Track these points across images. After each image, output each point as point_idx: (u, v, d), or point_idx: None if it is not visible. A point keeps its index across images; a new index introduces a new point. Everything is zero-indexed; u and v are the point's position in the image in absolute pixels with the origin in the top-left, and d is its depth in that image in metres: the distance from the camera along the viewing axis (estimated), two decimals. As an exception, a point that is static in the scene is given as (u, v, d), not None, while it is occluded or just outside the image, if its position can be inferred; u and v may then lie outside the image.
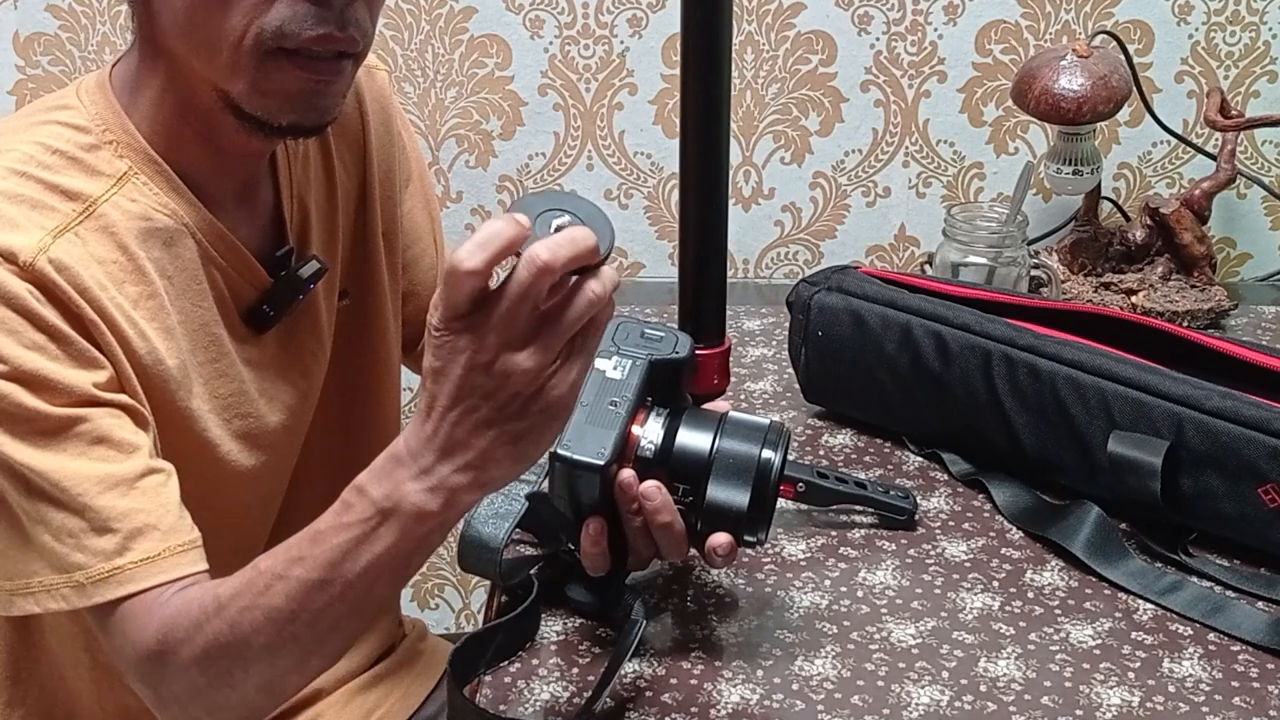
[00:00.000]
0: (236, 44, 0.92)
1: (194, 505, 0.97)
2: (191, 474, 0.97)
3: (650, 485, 0.93)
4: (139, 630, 0.89)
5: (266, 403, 1.05)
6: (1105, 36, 1.55)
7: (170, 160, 0.98)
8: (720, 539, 0.94)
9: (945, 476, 1.20)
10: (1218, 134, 1.58)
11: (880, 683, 0.96)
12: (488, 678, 0.96)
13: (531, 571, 1.02)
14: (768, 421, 0.96)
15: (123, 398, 0.92)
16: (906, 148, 1.67)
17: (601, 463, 0.91)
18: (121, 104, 0.98)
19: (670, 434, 0.95)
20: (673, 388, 0.98)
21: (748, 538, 0.95)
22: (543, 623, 1.02)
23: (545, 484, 0.97)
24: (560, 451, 0.91)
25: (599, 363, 0.95)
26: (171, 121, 0.98)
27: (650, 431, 0.95)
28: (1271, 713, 0.94)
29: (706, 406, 1.03)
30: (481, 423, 0.79)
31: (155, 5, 0.94)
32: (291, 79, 0.94)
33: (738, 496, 0.93)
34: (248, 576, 0.87)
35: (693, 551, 0.97)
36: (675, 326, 1.03)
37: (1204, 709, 0.94)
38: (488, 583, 1.07)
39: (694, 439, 0.95)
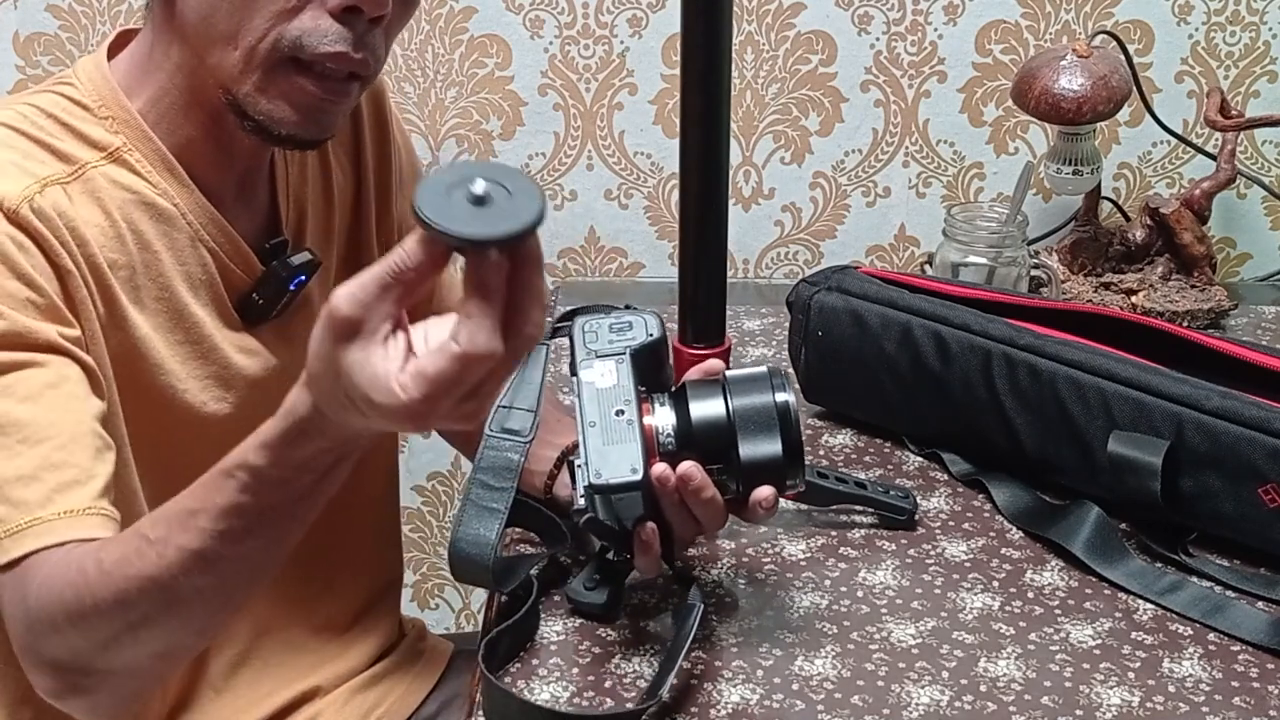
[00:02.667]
0: (253, 45, 0.94)
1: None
2: (169, 441, 0.97)
3: (688, 466, 0.93)
4: (42, 587, 0.85)
5: (254, 394, 1.05)
6: (1105, 36, 1.55)
7: (170, 145, 0.99)
8: (764, 492, 0.95)
9: (945, 476, 1.20)
10: (1218, 134, 1.58)
11: (880, 683, 0.96)
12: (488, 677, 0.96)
13: (532, 572, 1.02)
14: (766, 368, 0.97)
15: (85, 356, 0.91)
16: (906, 148, 1.67)
17: (639, 478, 0.91)
18: (124, 85, 0.99)
19: (683, 415, 0.95)
20: (658, 369, 0.97)
21: (789, 483, 0.96)
22: (543, 623, 1.02)
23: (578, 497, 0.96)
24: (595, 482, 0.91)
25: (584, 375, 0.94)
26: (177, 109, 0.99)
27: (662, 421, 0.95)
28: (1271, 713, 0.94)
29: (692, 373, 1.02)
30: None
31: None
32: (299, 90, 0.95)
33: (771, 447, 0.94)
34: (134, 542, 0.83)
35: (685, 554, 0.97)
36: (631, 306, 1.01)
37: (1204, 709, 0.94)
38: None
39: (708, 410, 0.95)
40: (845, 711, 0.93)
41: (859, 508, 1.14)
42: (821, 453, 1.24)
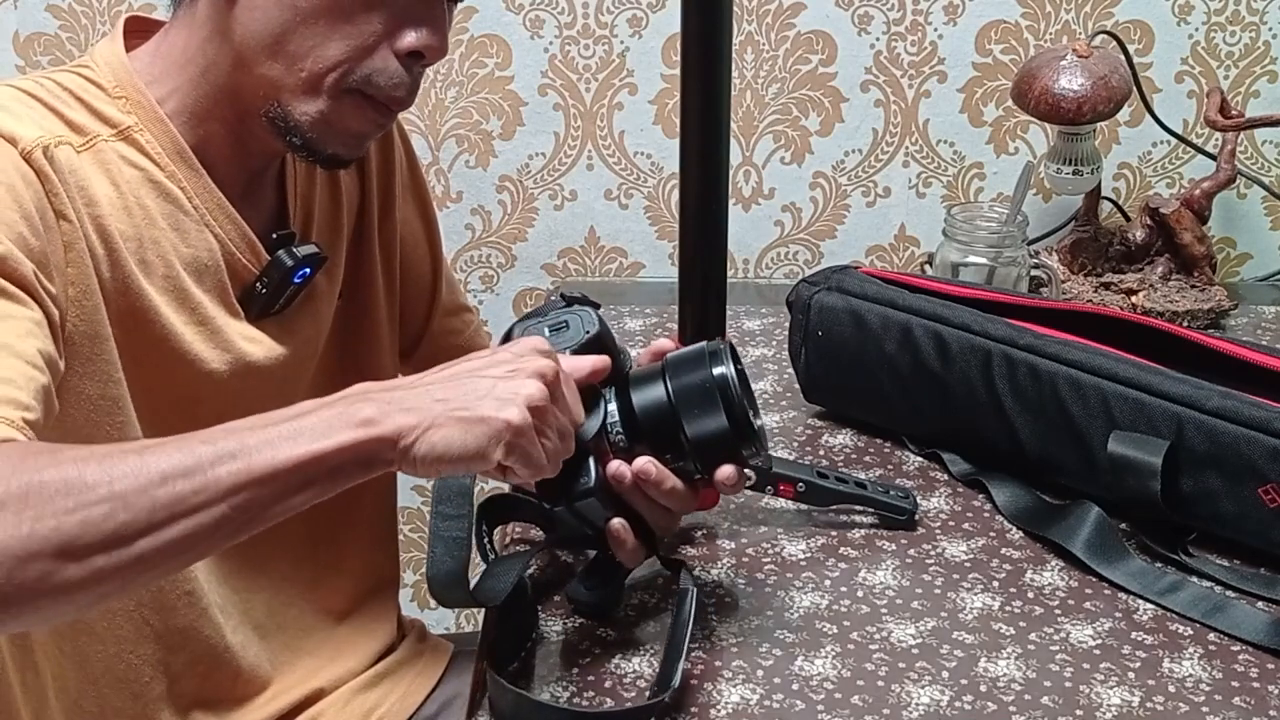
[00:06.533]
0: (323, 71, 0.97)
1: None
2: (177, 404, 0.96)
3: (643, 462, 0.94)
4: None
5: (259, 375, 1.05)
6: (1105, 36, 1.55)
7: (187, 135, 1.00)
8: (725, 472, 0.95)
9: (945, 476, 1.20)
10: (1218, 134, 1.58)
11: (880, 683, 0.96)
12: (485, 679, 0.96)
13: (528, 573, 1.02)
14: (703, 345, 0.97)
15: (52, 309, 0.89)
16: (906, 148, 1.67)
17: (593, 484, 0.92)
18: (144, 73, 1.00)
19: (626, 407, 0.95)
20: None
21: (746, 454, 0.95)
22: (542, 623, 1.02)
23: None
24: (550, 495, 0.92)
25: None
26: (202, 101, 1.00)
27: (609, 417, 0.95)
28: (1271, 713, 0.93)
29: (642, 356, 1.03)
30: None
31: (241, 1, 0.96)
32: (358, 118, 0.99)
33: (716, 422, 0.94)
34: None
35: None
36: (558, 298, 1.01)
37: (1204, 709, 0.94)
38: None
39: (649, 397, 0.95)
40: (845, 711, 0.93)
41: (859, 508, 1.14)
42: (821, 453, 1.24)
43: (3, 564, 0.71)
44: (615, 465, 0.94)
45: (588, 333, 0.95)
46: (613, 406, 0.95)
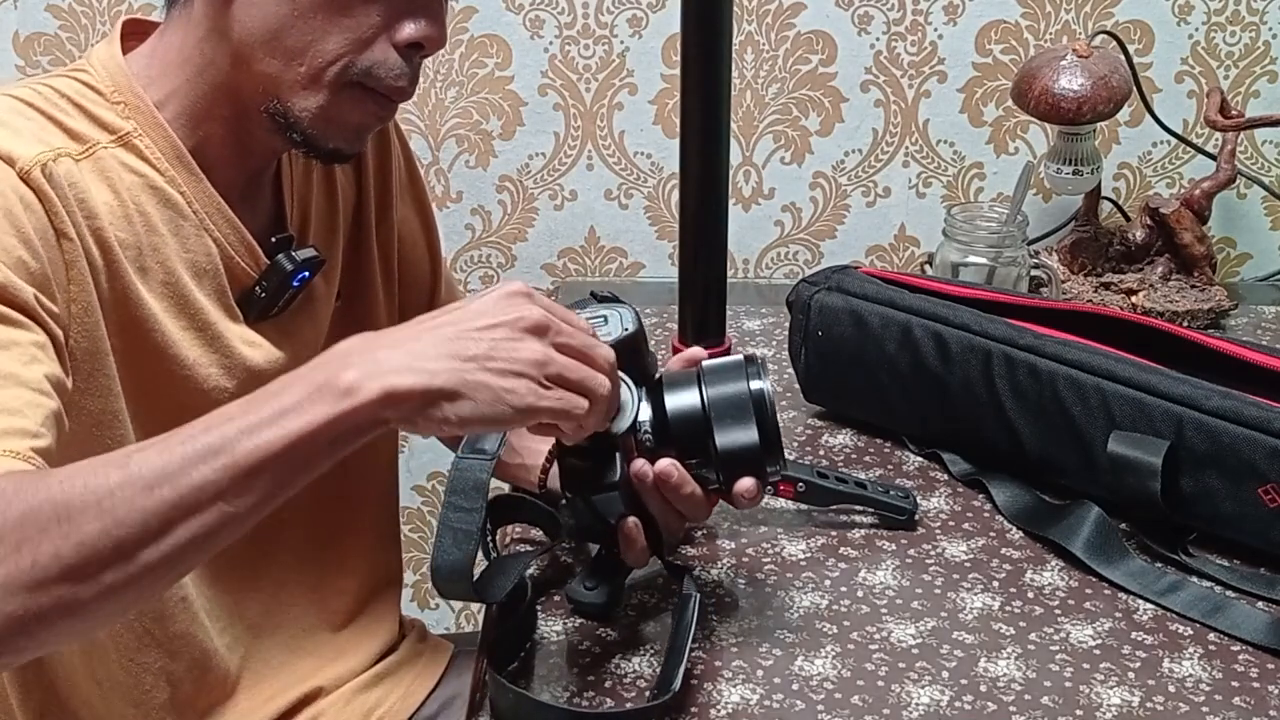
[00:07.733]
0: (322, 66, 0.96)
1: None
2: (175, 418, 0.96)
3: (666, 464, 0.94)
4: None
5: (258, 384, 1.05)
6: (1105, 36, 1.55)
7: (186, 137, 1.00)
8: (746, 484, 0.95)
9: (945, 476, 1.20)
10: (1218, 134, 1.58)
11: (880, 683, 0.96)
12: (485, 679, 0.96)
13: (529, 573, 1.02)
14: (742, 356, 0.97)
15: (56, 330, 0.89)
16: (906, 148, 1.67)
17: (617, 479, 0.93)
18: (141, 75, 1.00)
19: (658, 409, 0.95)
20: (637, 363, 0.97)
21: (769, 469, 0.96)
22: (543, 623, 1.02)
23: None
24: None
25: None
26: (200, 101, 1.00)
27: (639, 417, 0.95)
28: (1271, 713, 0.94)
29: (673, 363, 1.03)
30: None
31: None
32: (359, 111, 0.99)
33: (747, 435, 0.94)
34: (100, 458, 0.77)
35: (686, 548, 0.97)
36: (594, 296, 1.01)
37: (1204, 709, 0.94)
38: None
39: (682, 402, 0.95)
40: (845, 711, 0.93)
41: (859, 508, 1.14)
42: (821, 453, 1.24)
43: (14, 596, 0.72)
44: (639, 464, 0.94)
45: (626, 330, 0.96)
46: (645, 406, 0.95)
